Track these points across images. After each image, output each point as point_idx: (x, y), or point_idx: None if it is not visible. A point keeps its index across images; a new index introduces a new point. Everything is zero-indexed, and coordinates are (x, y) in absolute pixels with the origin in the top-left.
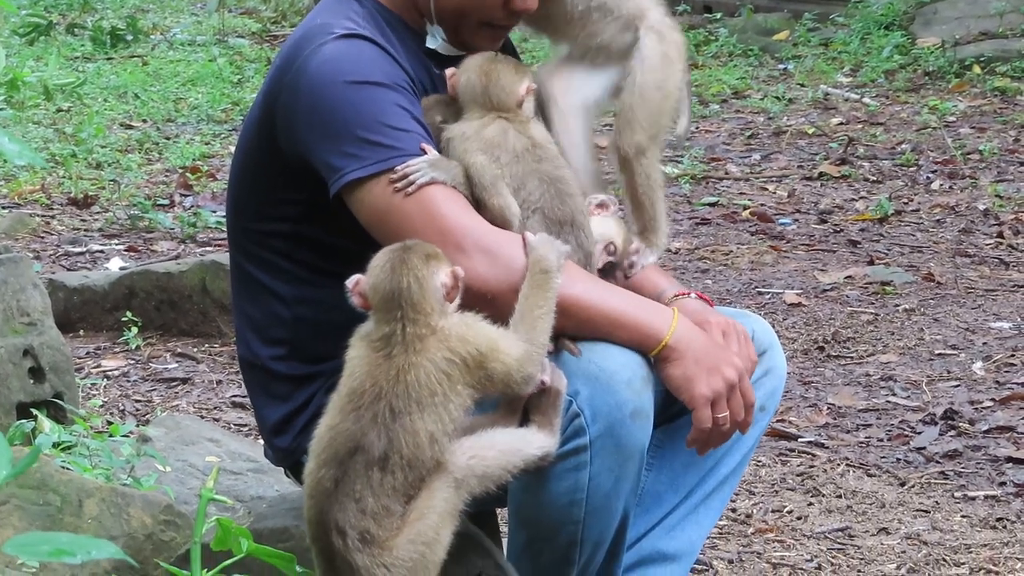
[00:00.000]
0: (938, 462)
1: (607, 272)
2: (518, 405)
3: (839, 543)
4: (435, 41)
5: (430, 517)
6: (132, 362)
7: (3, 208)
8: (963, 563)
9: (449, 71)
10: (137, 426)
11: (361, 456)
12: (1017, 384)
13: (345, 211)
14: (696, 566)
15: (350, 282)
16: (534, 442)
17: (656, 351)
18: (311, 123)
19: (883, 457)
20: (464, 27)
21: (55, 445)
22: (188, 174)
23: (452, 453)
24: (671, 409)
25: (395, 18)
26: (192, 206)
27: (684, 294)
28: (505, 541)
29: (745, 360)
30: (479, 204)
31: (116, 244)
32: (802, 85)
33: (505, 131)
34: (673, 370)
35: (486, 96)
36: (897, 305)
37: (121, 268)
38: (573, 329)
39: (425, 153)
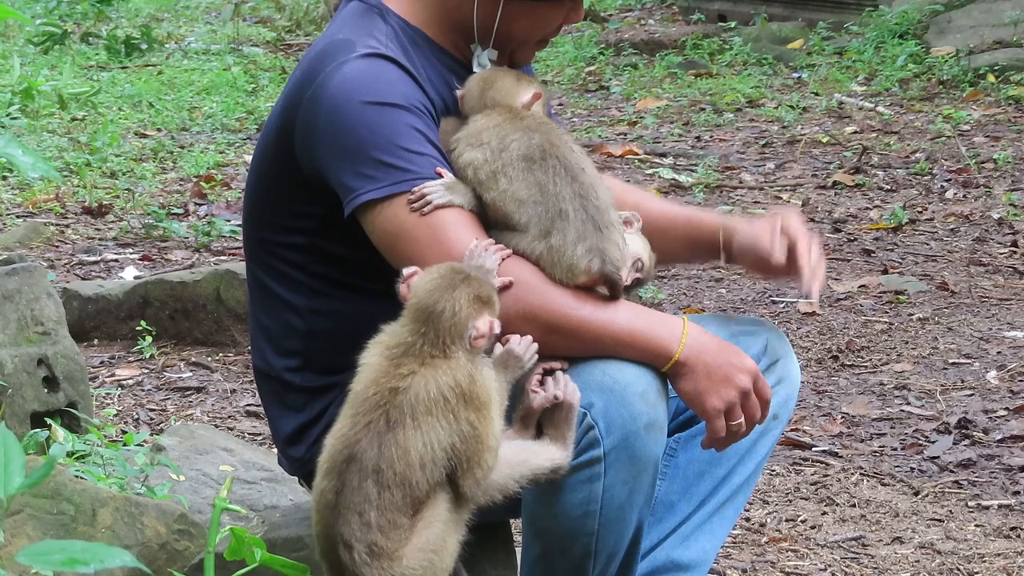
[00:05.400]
0: (952, 471)
1: (632, 289)
2: (532, 420)
3: (853, 552)
4: (484, 65)
5: (436, 525)
6: (146, 371)
7: (17, 217)
8: (977, 572)
9: (459, 92)
10: (151, 435)
11: (355, 465)
12: None
13: (360, 228)
14: None
15: (408, 271)
16: (542, 454)
17: (667, 368)
18: (328, 141)
19: (897, 466)
20: (520, 48)
21: (69, 454)
22: (202, 183)
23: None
24: (683, 415)
25: (421, 36)
26: (206, 215)
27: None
28: (519, 552)
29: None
30: (481, 203)
31: (130, 253)
32: (816, 94)
33: (490, 116)
34: (685, 385)
35: (482, 100)
36: (911, 314)
37: (135, 277)
38: (581, 351)
39: (440, 177)
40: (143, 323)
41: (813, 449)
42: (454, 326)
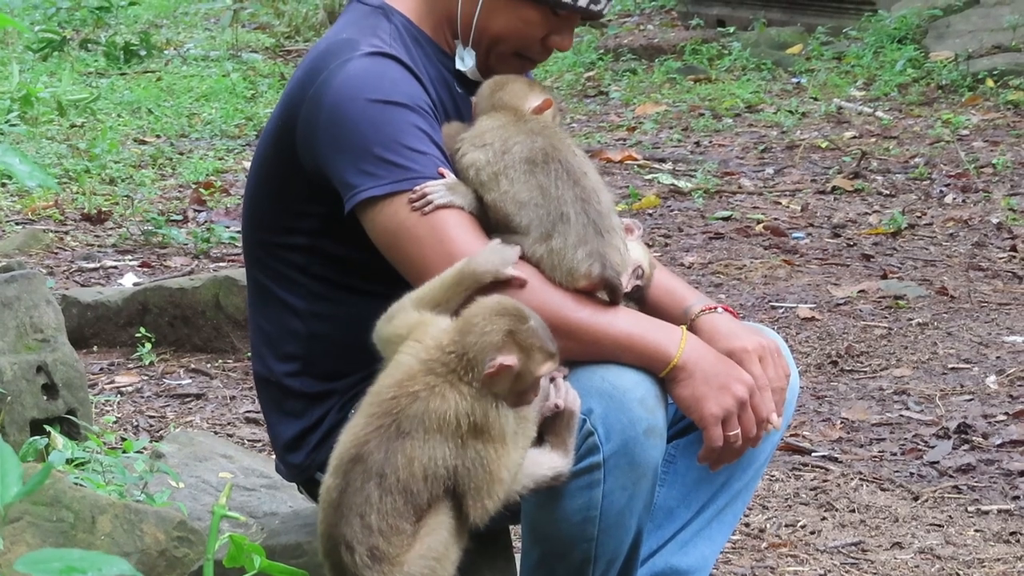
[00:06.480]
0: (951, 476)
1: (633, 296)
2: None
3: (852, 558)
4: (465, 63)
5: (439, 533)
6: (145, 378)
7: (17, 224)
8: None
9: (474, 97)
10: (150, 442)
11: (360, 466)
12: None
13: (362, 227)
14: None
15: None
16: (544, 463)
17: (665, 372)
18: (330, 138)
19: (896, 471)
20: (496, 53)
21: (68, 461)
22: (201, 189)
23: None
24: (682, 423)
25: (423, 36)
26: (205, 221)
27: (711, 309)
28: (518, 558)
29: (779, 380)
30: (482, 205)
31: (130, 260)
32: (815, 99)
33: (495, 118)
34: (682, 390)
35: (491, 101)
36: (910, 319)
37: (135, 284)
38: (580, 353)
39: (442, 177)
40: (142, 330)
41: (812, 454)
42: (477, 345)
